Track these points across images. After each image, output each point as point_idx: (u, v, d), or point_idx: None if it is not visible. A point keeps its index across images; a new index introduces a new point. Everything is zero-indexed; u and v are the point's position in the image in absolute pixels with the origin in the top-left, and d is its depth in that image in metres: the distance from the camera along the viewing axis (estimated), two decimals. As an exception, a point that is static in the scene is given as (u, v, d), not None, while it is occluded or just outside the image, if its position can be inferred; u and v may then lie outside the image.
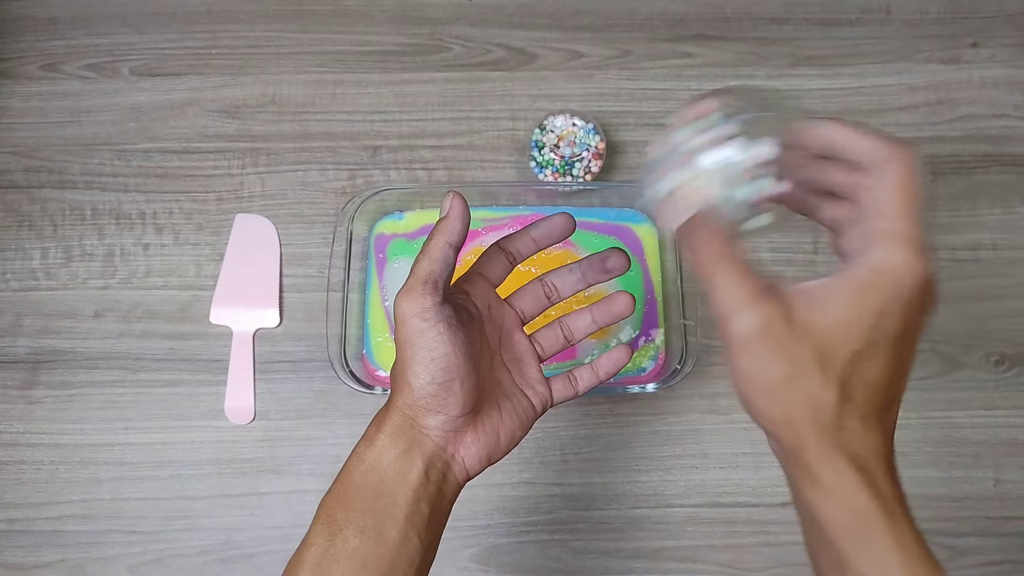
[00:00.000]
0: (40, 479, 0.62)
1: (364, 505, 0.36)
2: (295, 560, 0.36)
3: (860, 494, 0.30)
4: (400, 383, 0.37)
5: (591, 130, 0.67)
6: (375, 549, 0.35)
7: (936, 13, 0.76)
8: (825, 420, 0.30)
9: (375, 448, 0.37)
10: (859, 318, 0.30)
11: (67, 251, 0.68)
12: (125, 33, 0.74)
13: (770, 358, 0.30)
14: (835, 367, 0.30)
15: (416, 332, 0.36)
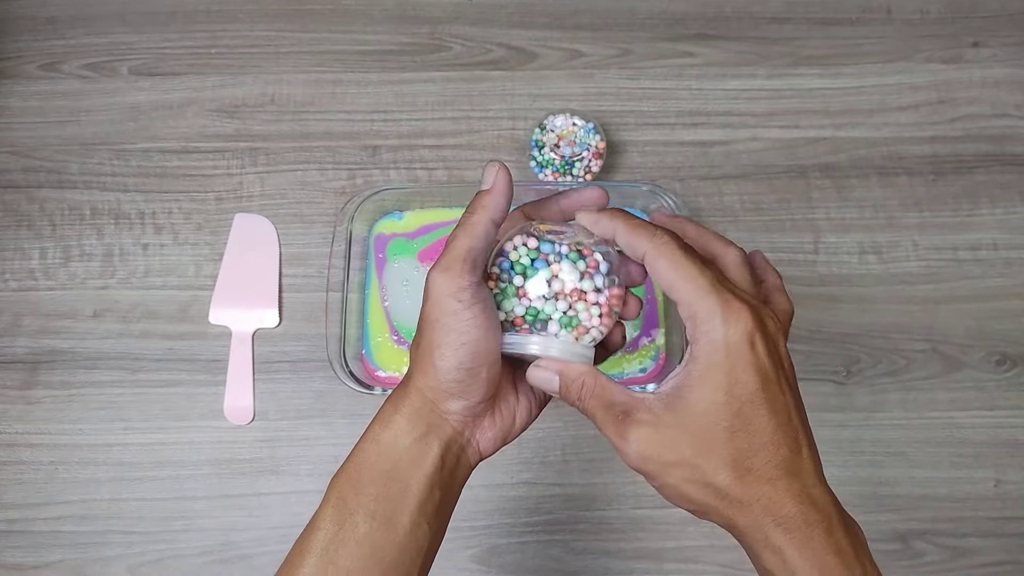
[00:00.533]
0: (39, 479, 0.62)
1: (376, 490, 0.35)
2: (301, 543, 0.35)
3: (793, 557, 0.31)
4: (423, 364, 0.35)
5: (591, 129, 0.67)
6: (385, 536, 0.34)
7: (937, 12, 0.76)
8: (734, 498, 0.31)
9: (391, 431, 0.35)
10: (714, 399, 0.31)
11: (66, 251, 0.68)
12: (124, 33, 0.74)
13: (663, 470, 0.32)
14: (716, 449, 0.31)
15: (449, 312, 0.34)
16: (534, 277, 0.36)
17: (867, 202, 0.69)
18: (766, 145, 0.71)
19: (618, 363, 0.62)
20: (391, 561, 0.34)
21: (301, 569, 0.34)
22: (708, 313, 0.31)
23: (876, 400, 0.64)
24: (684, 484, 0.32)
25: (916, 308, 0.66)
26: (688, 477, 0.32)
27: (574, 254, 0.36)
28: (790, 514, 0.31)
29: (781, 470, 0.31)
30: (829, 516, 0.32)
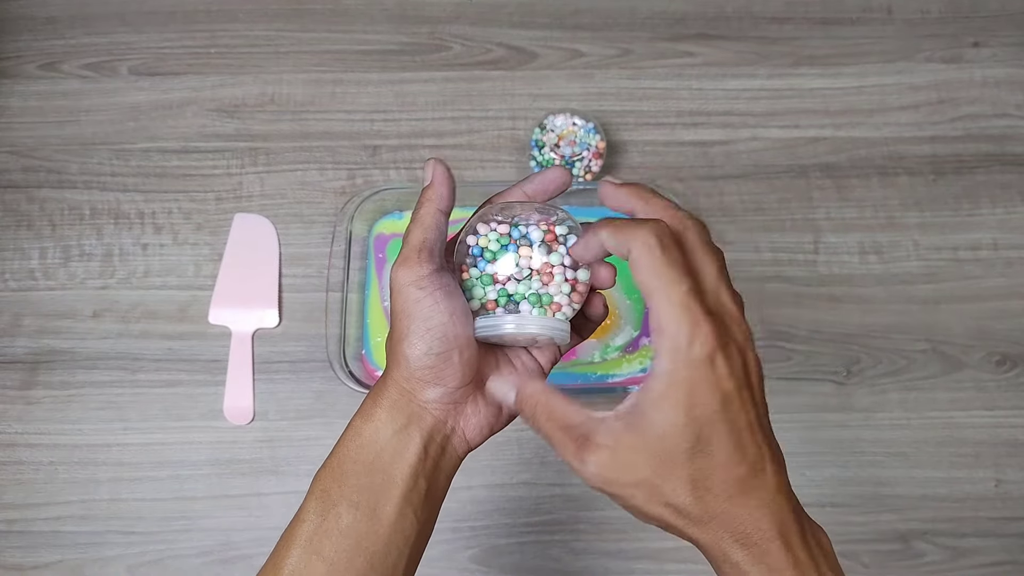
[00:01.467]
0: (39, 479, 0.62)
1: (359, 481, 0.35)
2: (286, 536, 0.35)
3: (751, 573, 0.31)
4: (396, 356, 0.36)
5: (591, 129, 0.67)
6: (369, 526, 0.35)
7: (937, 12, 0.76)
8: (695, 517, 0.31)
9: (372, 423, 0.36)
10: (675, 421, 0.31)
11: (66, 251, 0.68)
12: (124, 32, 0.74)
13: (623, 492, 0.33)
14: (675, 470, 0.31)
15: (411, 301, 0.34)
16: (503, 258, 0.36)
17: (867, 202, 0.69)
18: (766, 145, 0.71)
19: (618, 363, 0.62)
20: (376, 551, 0.35)
21: (286, 561, 0.34)
22: (675, 328, 0.30)
23: (876, 400, 0.64)
24: (645, 504, 0.32)
25: (916, 308, 0.66)
26: (649, 498, 0.32)
27: (538, 231, 0.36)
28: (747, 530, 0.31)
29: (739, 487, 0.31)
30: (787, 530, 0.32)
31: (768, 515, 0.31)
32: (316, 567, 0.34)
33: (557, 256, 0.36)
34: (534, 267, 0.36)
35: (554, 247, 0.36)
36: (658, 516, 0.33)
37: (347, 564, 0.34)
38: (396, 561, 0.35)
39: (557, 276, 0.36)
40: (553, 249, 0.36)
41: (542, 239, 0.36)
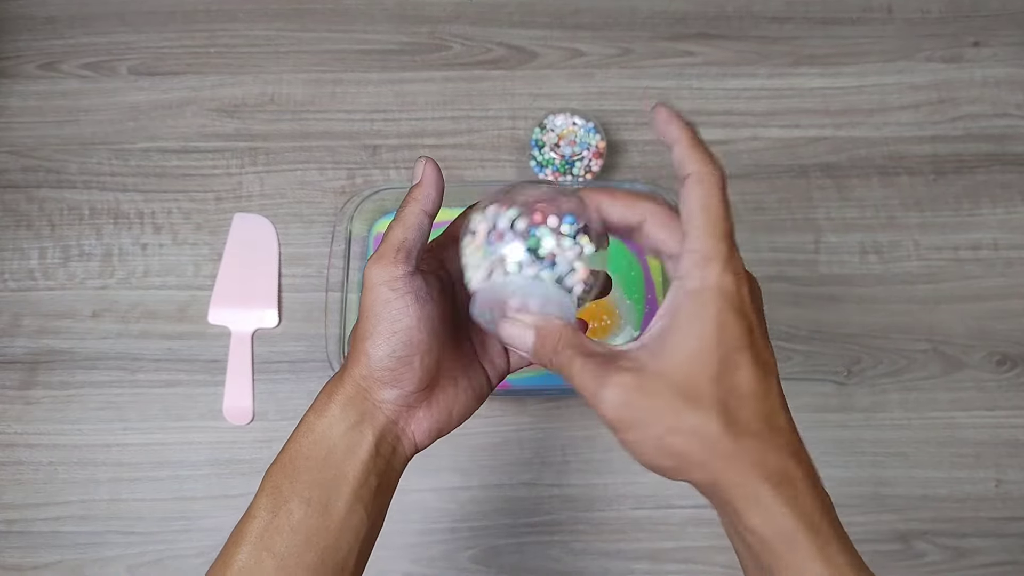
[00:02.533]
0: (38, 480, 0.62)
1: (311, 477, 0.35)
2: (237, 532, 0.35)
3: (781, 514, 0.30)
4: (357, 353, 0.35)
5: (591, 129, 0.67)
6: (320, 521, 0.34)
7: (938, 12, 0.76)
8: (722, 450, 0.30)
9: (325, 419, 0.36)
10: (702, 343, 0.30)
11: (65, 251, 0.68)
12: (123, 32, 0.74)
13: (646, 421, 0.30)
14: (704, 397, 0.30)
15: (381, 301, 0.35)
16: (513, 244, 0.34)
17: (868, 202, 0.69)
18: (767, 145, 0.71)
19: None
20: (326, 546, 0.34)
21: (236, 557, 0.34)
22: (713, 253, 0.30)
23: (877, 400, 0.64)
24: (668, 435, 0.30)
25: (917, 308, 0.66)
26: (673, 426, 0.30)
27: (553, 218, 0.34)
28: (777, 468, 0.30)
29: (766, 423, 0.30)
30: (812, 472, 0.31)
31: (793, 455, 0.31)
32: (266, 563, 0.34)
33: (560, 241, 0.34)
34: (545, 251, 0.34)
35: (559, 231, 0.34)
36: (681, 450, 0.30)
37: (297, 560, 0.34)
38: (346, 557, 0.35)
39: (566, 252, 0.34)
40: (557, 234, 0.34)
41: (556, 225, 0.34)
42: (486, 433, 0.63)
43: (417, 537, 0.61)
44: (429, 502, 0.61)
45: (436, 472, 0.62)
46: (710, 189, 0.31)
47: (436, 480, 0.62)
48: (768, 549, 0.30)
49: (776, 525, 0.30)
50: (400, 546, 0.60)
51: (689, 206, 0.31)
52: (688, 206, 0.31)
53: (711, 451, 0.30)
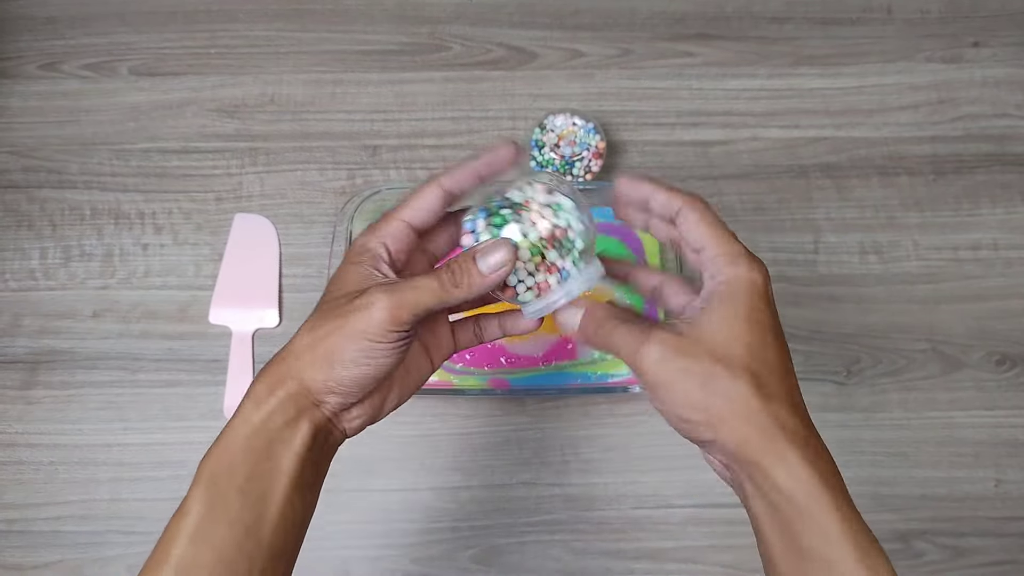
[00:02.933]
0: (39, 479, 0.62)
1: (248, 469, 0.35)
2: (172, 526, 0.35)
3: (804, 471, 0.32)
4: (319, 362, 0.35)
5: (591, 129, 0.67)
6: (258, 513, 0.35)
7: (937, 12, 0.76)
8: (753, 410, 0.33)
9: (263, 411, 0.35)
10: (738, 319, 0.34)
11: (66, 251, 0.68)
12: (124, 33, 0.74)
13: (682, 377, 0.34)
14: (737, 365, 0.33)
15: (371, 346, 0.35)
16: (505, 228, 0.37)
17: (867, 202, 0.69)
18: (766, 145, 0.71)
19: (618, 363, 0.62)
20: (264, 537, 0.35)
21: (172, 551, 0.34)
22: (735, 256, 0.35)
23: (876, 400, 0.64)
24: (698, 390, 0.33)
25: (916, 308, 0.66)
26: (705, 383, 0.33)
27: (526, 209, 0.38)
28: (799, 432, 0.33)
29: (788, 395, 0.34)
30: (822, 442, 0.34)
31: (810, 426, 0.34)
32: (205, 555, 0.33)
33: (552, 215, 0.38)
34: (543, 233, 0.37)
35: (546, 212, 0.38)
36: (711, 405, 0.33)
37: (236, 552, 0.34)
38: (283, 546, 0.36)
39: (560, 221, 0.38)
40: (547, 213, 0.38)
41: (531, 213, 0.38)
42: (486, 433, 0.63)
43: (418, 536, 0.61)
44: (429, 501, 0.61)
45: (436, 472, 0.62)
46: (704, 210, 0.37)
47: (436, 480, 0.62)
48: (791, 504, 0.32)
49: (799, 481, 0.32)
50: (401, 545, 0.60)
51: (696, 226, 0.36)
52: (695, 227, 0.36)
53: (742, 410, 0.33)
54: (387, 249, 0.38)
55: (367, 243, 0.38)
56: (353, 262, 0.37)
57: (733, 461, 0.34)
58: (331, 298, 0.37)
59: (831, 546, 0.32)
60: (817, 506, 0.32)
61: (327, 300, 0.37)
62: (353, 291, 0.36)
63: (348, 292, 0.36)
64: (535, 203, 0.38)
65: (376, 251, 0.37)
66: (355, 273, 0.37)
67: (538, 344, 0.62)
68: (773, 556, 0.34)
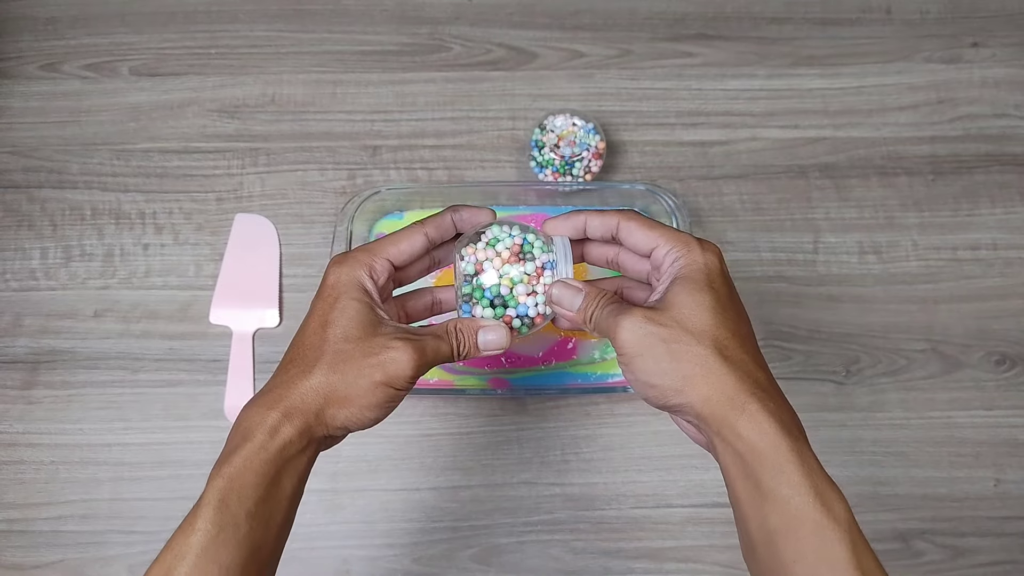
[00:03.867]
0: (40, 479, 0.62)
1: (259, 495, 0.36)
2: (177, 544, 0.35)
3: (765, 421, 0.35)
4: (343, 403, 0.38)
5: (591, 130, 0.67)
6: (264, 535, 0.36)
7: (937, 13, 0.76)
8: (718, 371, 0.36)
9: (278, 441, 0.37)
10: (700, 294, 0.38)
11: (67, 251, 0.68)
12: (124, 33, 0.74)
13: (653, 344, 0.37)
14: (702, 331, 0.37)
15: (395, 394, 0.39)
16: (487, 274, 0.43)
17: (867, 202, 0.69)
18: (766, 145, 0.71)
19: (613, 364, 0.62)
20: (265, 555, 0.37)
21: (179, 568, 0.34)
22: (687, 243, 0.40)
23: (876, 400, 0.64)
24: (667, 356, 0.37)
25: (916, 308, 0.67)
26: (672, 350, 0.37)
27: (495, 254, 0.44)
28: (759, 389, 0.36)
29: (750, 359, 0.37)
30: (784, 398, 0.38)
31: (772, 385, 0.38)
32: (212, 574, 0.35)
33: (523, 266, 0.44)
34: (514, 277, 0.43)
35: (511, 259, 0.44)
36: (682, 368, 0.36)
37: (241, 571, 0.35)
38: (276, 559, 0.38)
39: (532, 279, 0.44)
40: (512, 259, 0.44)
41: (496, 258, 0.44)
42: (486, 432, 0.63)
43: (418, 536, 0.61)
44: (430, 501, 0.61)
45: (437, 471, 0.62)
46: (641, 217, 0.42)
47: (437, 479, 0.62)
48: (754, 452, 0.35)
49: (761, 430, 0.35)
50: (401, 545, 0.60)
51: (639, 231, 0.41)
52: (639, 232, 0.41)
53: (707, 373, 0.36)
54: (375, 285, 0.41)
55: (361, 279, 0.41)
56: (355, 298, 0.40)
57: (700, 420, 0.37)
58: (347, 337, 0.39)
59: (789, 486, 0.34)
60: (775, 451, 0.35)
61: (342, 338, 0.39)
62: (370, 335, 0.39)
63: (366, 336, 0.39)
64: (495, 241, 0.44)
65: (371, 288, 0.41)
66: (362, 314, 0.40)
67: (538, 344, 0.62)
68: (739, 499, 0.36)
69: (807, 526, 0.34)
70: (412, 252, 0.43)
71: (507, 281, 0.43)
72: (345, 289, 0.40)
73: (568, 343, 0.62)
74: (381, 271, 0.41)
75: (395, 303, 0.46)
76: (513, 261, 0.43)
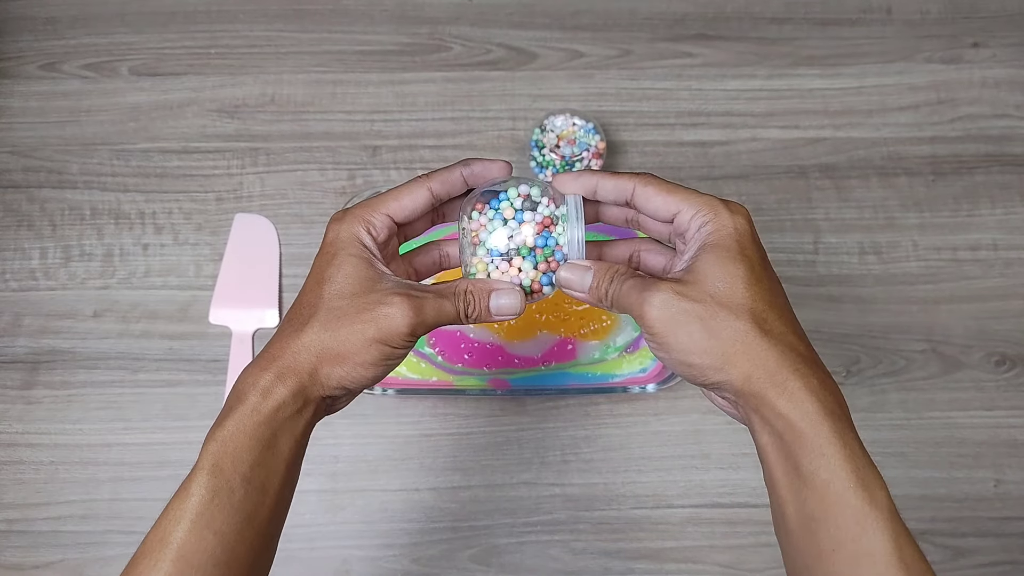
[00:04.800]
0: (39, 479, 0.62)
1: (253, 458, 0.35)
2: (173, 509, 0.34)
3: (806, 399, 0.33)
4: (336, 360, 0.36)
5: (591, 130, 0.67)
6: (260, 499, 0.35)
7: (937, 13, 0.76)
8: (757, 346, 0.34)
9: (271, 402, 0.36)
10: (733, 263, 0.35)
11: (66, 251, 0.68)
12: (124, 33, 0.74)
13: (686, 321, 0.35)
14: (738, 304, 0.35)
15: (390, 352, 0.37)
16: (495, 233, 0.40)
17: (867, 202, 0.69)
18: (766, 145, 0.71)
19: (618, 363, 0.62)
20: (262, 521, 0.35)
21: (174, 535, 0.34)
22: (714, 206, 0.37)
23: (876, 400, 0.64)
24: (702, 333, 0.34)
25: (916, 308, 0.67)
26: (708, 326, 0.34)
27: None
28: (801, 365, 0.34)
29: (790, 331, 0.35)
30: (829, 375, 0.36)
31: (813, 360, 0.35)
32: (207, 539, 0.34)
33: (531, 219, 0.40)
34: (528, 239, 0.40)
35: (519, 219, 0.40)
36: (717, 345, 0.34)
37: (238, 537, 0.34)
38: (276, 528, 0.37)
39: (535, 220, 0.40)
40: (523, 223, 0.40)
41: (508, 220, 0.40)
42: (486, 432, 0.63)
43: (418, 536, 0.61)
44: (429, 501, 0.61)
45: (437, 471, 0.62)
46: (660, 180, 0.38)
47: (437, 479, 0.62)
48: (793, 431, 0.33)
49: (803, 410, 0.33)
50: (401, 545, 0.60)
51: (659, 196, 0.38)
52: (658, 197, 0.38)
53: (747, 349, 0.34)
54: (375, 241, 0.39)
55: (359, 234, 0.39)
56: (352, 254, 0.38)
57: (740, 397, 0.35)
58: (342, 293, 0.37)
59: (829, 471, 0.32)
60: (816, 432, 0.33)
61: (337, 294, 0.37)
62: (367, 290, 0.37)
63: (362, 291, 0.37)
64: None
65: (370, 244, 0.39)
66: (360, 268, 0.38)
67: (538, 344, 0.62)
68: (775, 481, 0.35)
69: (847, 513, 0.33)
70: (415, 208, 0.40)
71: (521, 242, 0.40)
72: (343, 245, 0.38)
73: (568, 344, 0.62)
74: (381, 227, 0.39)
75: (403, 260, 0.43)
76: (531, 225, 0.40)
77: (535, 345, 0.62)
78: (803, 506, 0.33)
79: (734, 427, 0.63)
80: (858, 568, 0.32)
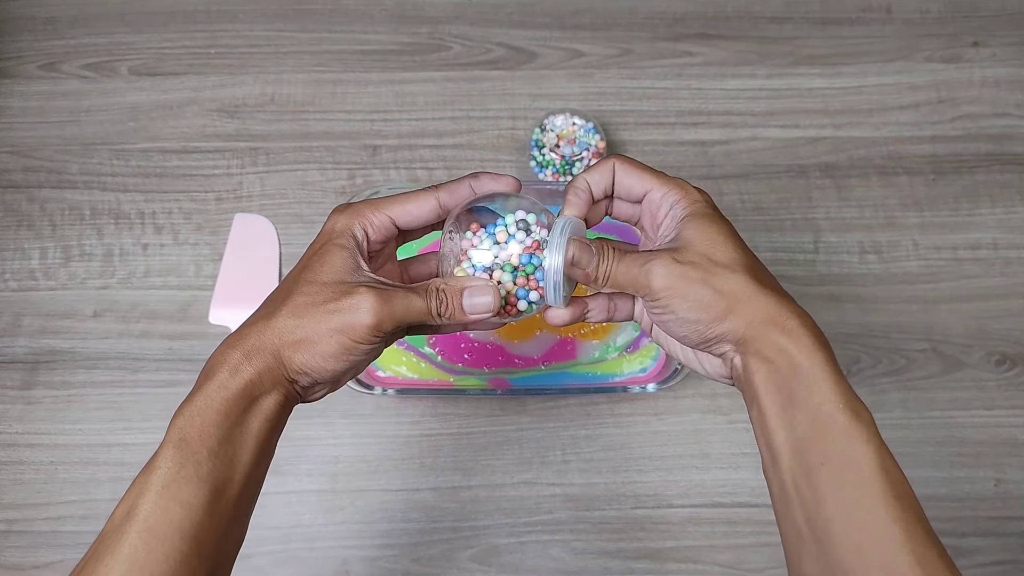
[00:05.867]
0: (39, 479, 0.62)
1: (220, 432, 0.36)
2: (138, 483, 0.35)
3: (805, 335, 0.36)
4: (299, 346, 0.37)
5: (591, 129, 0.67)
6: (227, 473, 0.36)
7: (937, 12, 0.76)
8: (756, 298, 0.37)
9: (240, 379, 0.36)
10: (715, 230, 0.38)
11: (66, 251, 0.68)
12: (124, 33, 0.74)
13: (688, 282, 0.37)
14: (732, 262, 0.37)
15: (353, 345, 0.37)
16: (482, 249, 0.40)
17: (867, 202, 0.69)
18: (766, 145, 0.71)
19: (619, 363, 0.62)
20: (231, 497, 0.36)
21: (141, 506, 0.34)
22: (681, 186, 0.40)
23: (876, 400, 0.64)
24: (705, 289, 0.37)
25: (916, 308, 0.66)
26: (709, 282, 0.37)
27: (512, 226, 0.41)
28: (797, 311, 0.37)
29: (777, 285, 0.38)
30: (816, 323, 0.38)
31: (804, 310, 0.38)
32: (174, 511, 0.34)
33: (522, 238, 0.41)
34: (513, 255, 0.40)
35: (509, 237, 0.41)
36: (718, 301, 0.36)
37: (205, 510, 0.34)
38: (247, 505, 0.37)
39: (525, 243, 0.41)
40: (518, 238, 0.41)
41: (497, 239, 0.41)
42: (486, 432, 0.63)
43: (418, 536, 0.61)
44: (430, 501, 0.61)
45: (437, 471, 0.62)
46: (631, 159, 0.42)
47: (437, 479, 0.62)
48: (792, 365, 0.36)
49: (801, 344, 0.36)
50: (401, 545, 0.60)
51: (631, 176, 0.41)
52: (629, 177, 0.41)
53: (751, 297, 0.37)
54: (368, 239, 0.39)
55: (352, 227, 0.39)
56: (338, 244, 0.38)
57: (740, 343, 0.37)
58: (315, 280, 0.38)
59: (821, 394, 0.35)
60: (812, 363, 0.35)
61: (311, 281, 0.38)
62: (339, 281, 0.37)
63: (334, 281, 0.37)
64: None
65: (360, 239, 0.39)
66: (341, 259, 0.38)
67: (538, 344, 0.62)
68: (766, 414, 0.37)
69: (836, 430, 0.35)
70: (420, 215, 0.40)
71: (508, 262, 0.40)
72: (334, 236, 0.39)
73: (568, 343, 0.62)
74: (379, 226, 0.39)
75: (400, 266, 0.44)
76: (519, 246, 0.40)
77: (535, 345, 0.62)
78: (794, 431, 0.36)
79: (734, 427, 0.63)
80: (843, 476, 0.35)
